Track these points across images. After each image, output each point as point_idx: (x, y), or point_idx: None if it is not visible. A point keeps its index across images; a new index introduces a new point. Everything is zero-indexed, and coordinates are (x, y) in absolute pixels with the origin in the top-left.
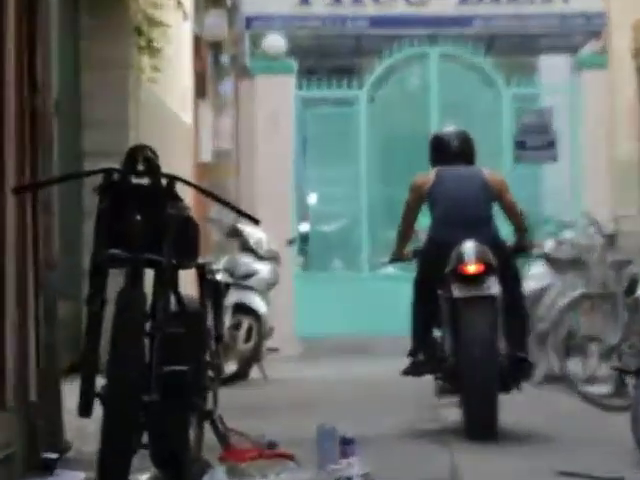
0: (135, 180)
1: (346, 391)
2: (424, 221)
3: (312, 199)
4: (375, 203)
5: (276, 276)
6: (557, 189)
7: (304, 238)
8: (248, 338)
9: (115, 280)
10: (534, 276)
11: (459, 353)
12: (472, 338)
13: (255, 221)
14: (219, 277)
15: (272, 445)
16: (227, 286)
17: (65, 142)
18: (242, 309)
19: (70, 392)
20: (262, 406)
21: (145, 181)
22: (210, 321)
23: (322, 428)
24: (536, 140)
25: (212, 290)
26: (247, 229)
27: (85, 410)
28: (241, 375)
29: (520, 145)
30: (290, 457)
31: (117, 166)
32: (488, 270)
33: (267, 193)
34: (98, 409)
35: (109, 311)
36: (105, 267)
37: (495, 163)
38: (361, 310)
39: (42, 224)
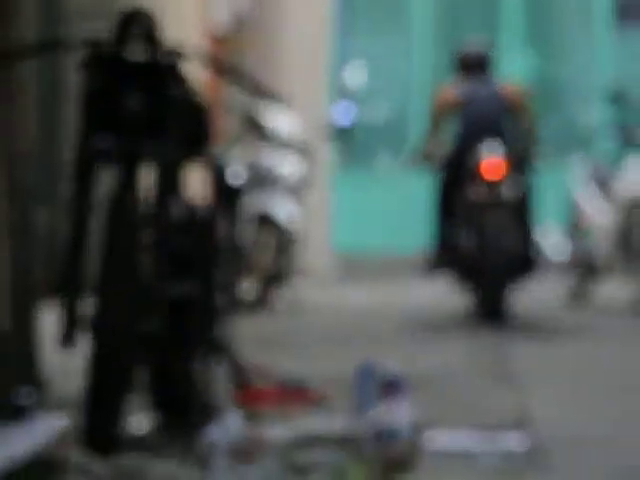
0: (130, 55)
1: (391, 321)
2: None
3: (354, 75)
4: (431, 80)
5: (309, 175)
6: None
7: (344, 127)
8: (275, 255)
9: (105, 178)
10: (632, 176)
11: (476, 250)
12: (487, 238)
13: (281, 102)
14: (235, 175)
15: (299, 385)
16: (248, 187)
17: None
18: (264, 217)
19: (49, 319)
20: (288, 338)
21: (142, 56)
22: (224, 230)
23: (360, 366)
24: None
25: (227, 191)
26: (273, 114)
27: (67, 340)
28: (263, 300)
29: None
30: (321, 400)
31: (106, 30)
32: (503, 176)
33: (297, 69)
34: (84, 339)
35: (97, 218)
36: (92, 162)
37: (589, 32)
38: (413, 219)
39: (13, 107)
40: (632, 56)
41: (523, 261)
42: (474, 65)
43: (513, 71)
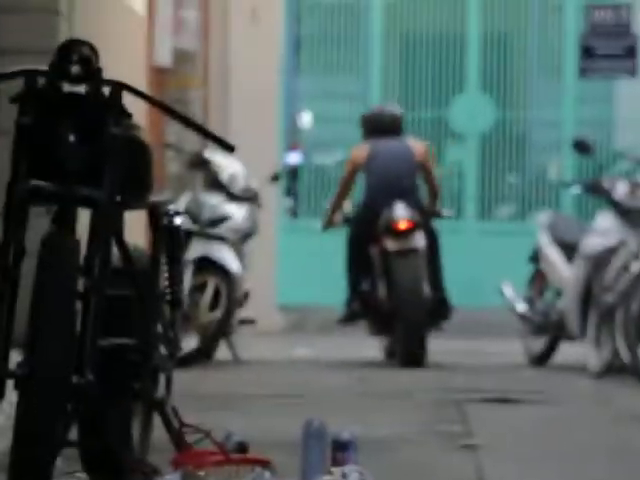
0: (68, 87)
1: (340, 378)
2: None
3: (305, 120)
4: None
5: (254, 223)
6: (634, 114)
7: (293, 173)
8: (214, 305)
9: (38, 223)
10: (599, 231)
11: (393, 297)
12: (403, 283)
13: (229, 147)
14: (178, 222)
15: (242, 447)
16: (188, 234)
17: None
18: (208, 266)
19: None
20: (230, 395)
21: (81, 89)
22: (164, 281)
23: (309, 426)
24: (609, 46)
25: (168, 239)
26: (217, 158)
27: None
28: (204, 353)
29: (587, 53)
30: (265, 463)
31: (43, 67)
32: (415, 227)
33: (245, 111)
34: (11, 394)
35: (28, 266)
36: (24, 204)
37: (552, 77)
38: None
39: None
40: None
41: (436, 306)
42: (386, 127)
43: (473, 121)
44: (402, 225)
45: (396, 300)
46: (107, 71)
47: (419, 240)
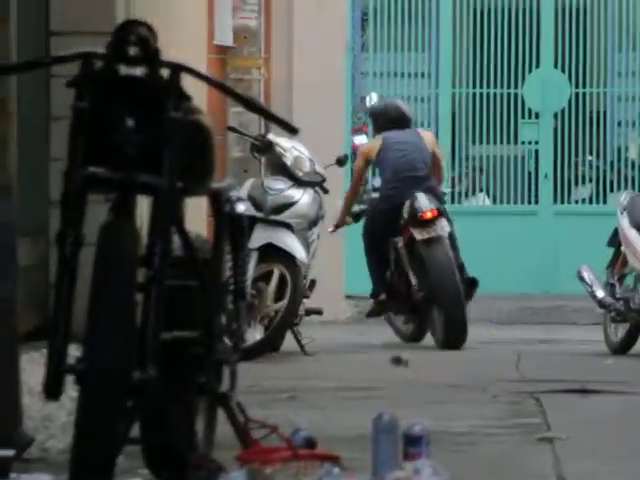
0: (125, 70)
1: (412, 370)
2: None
3: (374, 101)
4: (461, 108)
5: (321, 209)
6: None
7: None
8: (280, 294)
9: (97, 211)
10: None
11: (426, 285)
12: (438, 270)
13: (292, 130)
14: (241, 209)
15: (310, 442)
16: (252, 221)
17: (27, 15)
18: (273, 254)
19: (33, 366)
20: (297, 389)
21: (139, 72)
22: (228, 270)
23: (379, 420)
24: None
25: (231, 227)
26: (281, 142)
27: (53, 391)
28: (270, 345)
29: None
30: (334, 459)
31: (100, 49)
32: (439, 214)
33: (310, 92)
34: (71, 390)
35: (88, 255)
36: (83, 192)
37: (631, 51)
38: None
39: None
40: None
41: (468, 283)
42: (394, 119)
43: (548, 98)
44: (428, 214)
45: (433, 287)
46: (166, 52)
47: (445, 227)
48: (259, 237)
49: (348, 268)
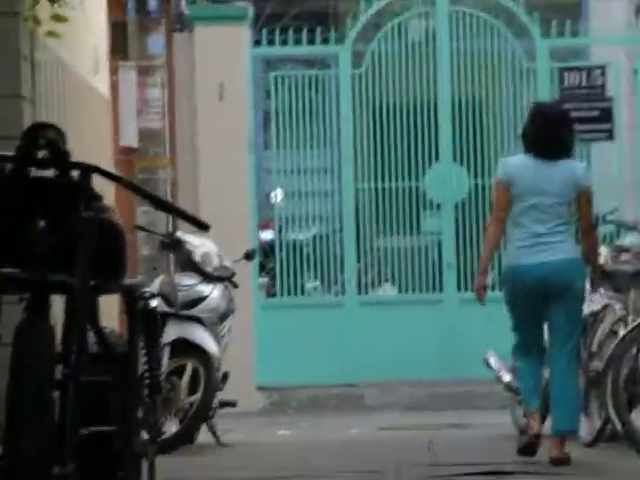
0: (35, 172)
1: (325, 461)
2: None
3: (278, 197)
4: (364, 202)
5: (230, 303)
6: (612, 179)
7: (267, 251)
8: (194, 388)
9: (11, 311)
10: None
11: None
12: None
13: (203, 226)
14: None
15: None
16: (164, 317)
17: None
18: (185, 348)
19: None
20: None
21: (49, 173)
22: (143, 365)
23: None
24: (584, 110)
25: (144, 323)
26: (189, 238)
27: None
28: (185, 438)
29: None
30: None
31: (8, 153)
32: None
33: (215, 189)
34: None
35: (3, 354)
36: None
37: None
38: (345, 349)
39: None
40: None
41: None
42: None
43: (449, 189)
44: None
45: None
46: (74, 154)
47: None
48: (171, 332)
49: (259, 359)
